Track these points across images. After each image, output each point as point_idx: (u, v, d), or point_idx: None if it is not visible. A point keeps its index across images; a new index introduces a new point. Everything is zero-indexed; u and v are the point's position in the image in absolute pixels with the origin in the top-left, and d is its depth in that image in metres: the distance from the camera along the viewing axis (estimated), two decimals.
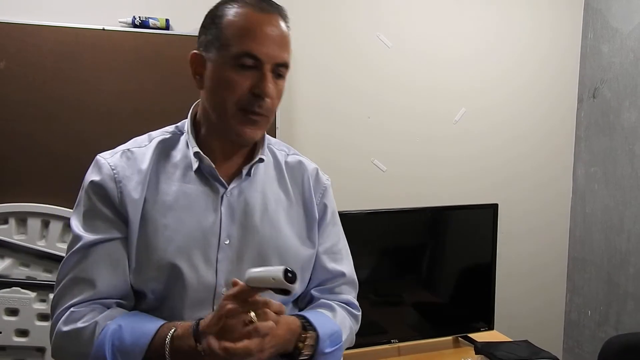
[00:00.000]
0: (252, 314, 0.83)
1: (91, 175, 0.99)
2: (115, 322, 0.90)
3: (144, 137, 1.05)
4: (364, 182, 2.64)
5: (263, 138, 1.07)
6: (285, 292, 0.84)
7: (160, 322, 0.91)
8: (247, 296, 0.85)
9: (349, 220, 1.94)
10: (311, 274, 1.11)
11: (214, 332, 0.84)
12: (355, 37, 2.57)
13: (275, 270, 0.83)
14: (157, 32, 2.19)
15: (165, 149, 1.02)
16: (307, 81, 2.52)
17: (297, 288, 0.89)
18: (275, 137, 2.39)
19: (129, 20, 2.18)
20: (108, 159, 1.00)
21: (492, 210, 2.08)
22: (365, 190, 2.63)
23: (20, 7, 2.12)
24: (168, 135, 1.04)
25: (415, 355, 1.99)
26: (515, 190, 2.90)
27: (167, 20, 2.21)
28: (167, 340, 0.87)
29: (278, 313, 0.89)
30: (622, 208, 2.71)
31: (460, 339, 2.10)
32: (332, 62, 2.55)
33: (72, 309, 0.92)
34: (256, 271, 0.85)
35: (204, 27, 1.00)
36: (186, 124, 1.05)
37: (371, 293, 1.96)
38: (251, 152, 1.06)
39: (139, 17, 2.19)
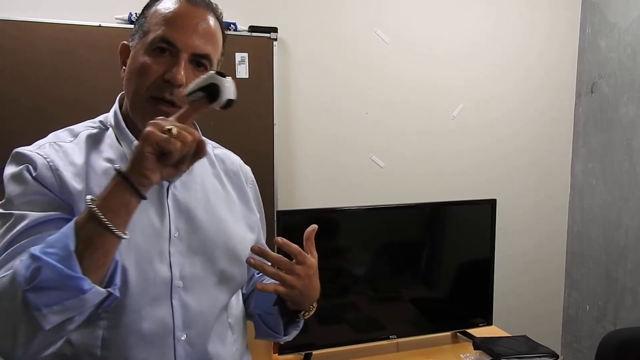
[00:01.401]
0: (174, 128, 0.78)
1: (19, 167, 0.91)
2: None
3: (64, 132, 0.99)
4: (362, 178, 2.63)
5: (197, 130, 1.06)
6: (215, 95, 0.84)
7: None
8: (188, 114, 0.83)
9: (347, 216, 1.94)
10: None
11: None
12: (353, 33, 2.57)
13: (208, 73, 0.85)
14: None
15: (94, 144, 0.97)
16: (305, 77, 2.51)
17: (232, 88, 0.85)
18: (273, 134, 2.41)
19: (126, 16, 2.18)
20: (35, 150, 0.92)
21: (490, 205, 2.08)
22: (363, 187, 2.63)
23: (17, 4, 2.11)
24: (95, 130, 1.00)
25: (413, 350, 1.99)
26: (513, 185, 2.90)
27: None
28: (89, 201, 0.77)
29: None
30: (620, 203, 2.72)
31: (458, 334, 2.11)
32: (329, 58, 2.54)
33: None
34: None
35: (137, 19, 1.00)
36: (111, 117, 1.02)
37: (370, 289, 1.96)
38: None
39: (136, 13, 2.18)
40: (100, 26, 2.12)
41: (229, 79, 0.85)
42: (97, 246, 0.77)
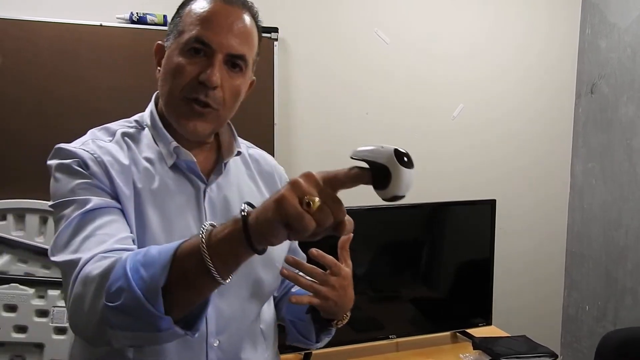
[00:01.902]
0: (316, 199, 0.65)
1: (67, 160, 0.89)
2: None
3: (101, 132, 0.97)
4: None
5: (232, 130, 1.06)
6: (382, 182, 0.66)
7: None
8: (342, 183, 0.71)
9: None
10: None
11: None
12: (353, 33, 2.57)
13: (386, 147, 0.67)
14: (155, 28, 2.19)
15: (133, 143, 0.97)
16: (306, 77, 2.52)
17: (407, 182, 0.67)
18: (273, 133, 2.41)
19: (127, 16, 2.18)
20: (80, 147, 0.91)
21: (490, 205, 2.08)
22: (363, 186, 2.63)
23: (17, 3, 2.12)
24: (131, 130, 0.98)
25: (413, 350, 1.99)
26: (513, 185, 2.90)
27: (164, 16, 2.21)
28: (203, 235, 0.70)
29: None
30: (620, 203, 2.72)
31: (458, 334, 2.11)
32: (329, 58, 2.55)
33: (99, 255, 0.78)
34: (364, 147, 0.69)
35: (172, 19, 1.00)
36: (147, 117, 1.01)
37: (369, 289, 1.96)
38: (217, 146, 1.04)
39: (137, 13, 2.18)
40: (101, 25, 2.13)
41: (409, 170, 0.66)
42: (192, 286, 0.71)
